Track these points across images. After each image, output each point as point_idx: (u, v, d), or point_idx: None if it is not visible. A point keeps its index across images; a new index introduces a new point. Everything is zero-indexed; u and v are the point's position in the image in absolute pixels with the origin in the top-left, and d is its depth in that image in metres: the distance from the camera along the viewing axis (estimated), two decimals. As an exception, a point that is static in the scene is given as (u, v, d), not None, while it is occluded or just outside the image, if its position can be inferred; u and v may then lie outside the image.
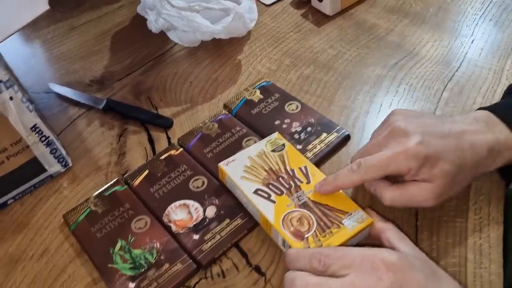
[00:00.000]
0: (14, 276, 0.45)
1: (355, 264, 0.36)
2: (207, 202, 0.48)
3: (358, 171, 0.42)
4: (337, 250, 0.39)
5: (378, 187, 0.44)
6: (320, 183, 0.45)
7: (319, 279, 0.37)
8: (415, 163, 0.40)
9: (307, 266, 0.38)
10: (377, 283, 0.35)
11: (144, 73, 0.66)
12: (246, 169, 0.48)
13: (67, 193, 0.52)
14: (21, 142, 0.47)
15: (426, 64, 0.63)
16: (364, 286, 0.35)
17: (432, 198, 0.41)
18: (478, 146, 0.42)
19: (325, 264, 0.37)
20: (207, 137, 0.55)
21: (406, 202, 0.42)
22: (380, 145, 0.43)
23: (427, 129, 0.42)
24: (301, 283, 0.37)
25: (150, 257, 0.44)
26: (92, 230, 0.47)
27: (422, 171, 0.40)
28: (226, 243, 0.45)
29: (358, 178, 0.42)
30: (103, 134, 0.58)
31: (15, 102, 0.45)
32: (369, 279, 0.35)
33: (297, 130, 0.54)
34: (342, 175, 0.44)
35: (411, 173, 0.41)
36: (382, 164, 0.41)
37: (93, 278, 0.44)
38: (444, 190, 0.41)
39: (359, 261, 0.37)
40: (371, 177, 0.42)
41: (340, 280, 0.36)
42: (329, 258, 0.37)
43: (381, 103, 0.58)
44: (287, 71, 0.64)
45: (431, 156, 0.40)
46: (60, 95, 0.63)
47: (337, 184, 0.44)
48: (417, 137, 0.41)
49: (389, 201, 0.43)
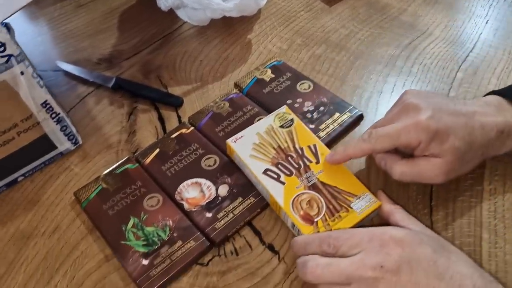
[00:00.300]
0: (26, 252, 0.45)
1: (363, 242, 0.37)
2: (219, 180, 0.48)
3: (368, 141, 0.43)
4: (345, 231, 0.39)
5: (389, 161, 0.44)
6: (331, 154, 0.46)
7: (329, 260, 0.37)
8: (425, 136, 0.40)
9: (317, 250, 0.39)
10: (385, 258, 0.35)
11: (153, 51, 0.65)
12: (255, 146, 0.47)
13: (78, 171, 0.51)
14: (31, 118, 0.47)
15: (440, 45, 0.62)
16: (372, 262, 0.35)
17: (441, 173, 0.41)
18: (488, 126, 0.42)
19: (335, 246, 0.38)
20: (218, 116, 0.54)
21: (415, 176, 0.43)
22: (393, 119, 0.44)
23: (439, 106, 0.42)
24: (312, 264, 0.37)
25: (163, 234, 0.44)
26: (104, 207, 0.46)
27: (432, 146, 0.40)
28: (239, 221, 0.45)
29: (368, 147, 0.43)
30: (112, 112, 0.58)
31: (26, 77, 0.44)
32: (377, 255, 0.36)
33: (309, 109, 0.54)
34: (352, 144, 0.44)
35: (421, 147, 0.41)
36: (392, 135, 0.42)
37: (106, 255, 0.44)
38: (453, 166, 0.41)
39: (367, 239, 0.37)
40: (381, 147, 0.42)
41: (349, 259, 0.36)
42: (338, 240, 0.38)
43: (395, 83, 0.57)
44: (298, 51, 0.63)
45: (442, 131, 0.40)
46: (68, 73, 0.62)
47: (347, 153, 0.44)
48: (428, 111, 0.41)
49: (398, 175, 0.43)
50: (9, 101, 0.44)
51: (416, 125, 0.41)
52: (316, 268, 0.37)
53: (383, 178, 0.48)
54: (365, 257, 0.36)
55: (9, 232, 0.47)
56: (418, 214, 0.45)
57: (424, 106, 0.42)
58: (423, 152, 0.41)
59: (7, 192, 0.50)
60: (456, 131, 0.41)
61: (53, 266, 0.44)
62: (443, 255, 0.36)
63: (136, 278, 0.41)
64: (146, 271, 0.41)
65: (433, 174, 0.41)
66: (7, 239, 0.46)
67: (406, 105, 0.43)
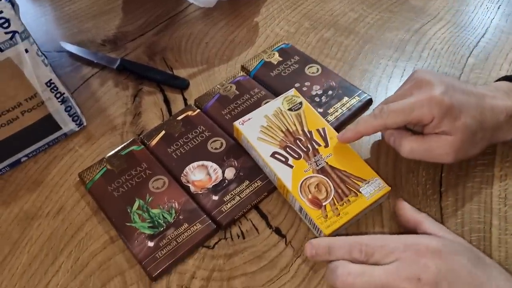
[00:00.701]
0: (30, 232, 0.45)
1: (398, 251, 0.35)
2: (226, 163, 0.47)
3: (380, 116, 0.41)
4: (377, 238, 0.37)
5: (398, 137, 0.43)
6: (342, 132, 0.45)
7: (361, 268, 0.35)
8: (439, 111, 0.39)
9: (347, 255, 0.36)
10: (422, 269, 0.33)
11: (158, 33, 0.64)
12: (263, 129, 0.47)
13: (82, 152, 0.51)
14: (36, 98, 0.46)
15: (451, 29, 0.60)
16: (409, 273, 0.33)
17: (451, 152, 0.40)
18: (498, 109, 0.41)
19: (367, 253, 0.36)
20: (225, 99, 0.53)
21: (424, 153, 0.41)
22: (405, 94, 0.43)
23: (451, 83, 0.42)
24: (343, 271, 0.35)
25: (169, 216, 0.43)
26: (109, 189, 0.46)
27: (444, 123, 0.40)
28: (246, 205, 0.44)
29: (380, 123, 0.42)
30: (117, 94, 0.57)
31: (31, 54, 0.43)
32: (414, 266, 0.34)
33: (318, 93, 0.53)
34: (363, 120, 0.43)
35: (433, 123, 0.40)
36: (405, 109, 0.41)
37: (111, 237, 0.44)
38: (463, 145, 0.40)
39: (402, 248, 0.35)
40: (393, 122, 0.41)
41: (383, 268, 0.34)
42: (369, 247, 0.36)
43: (404, 67, 0.56)
44: (306, 34, 0.62)
45: (454, 108, 0.39)
46: (72, 54, 0.62)
47: (358, 130, 0.43)
48: (442, 87, 0.40)
49: (407, 151, 0.42)
50: (13, 80, 0.43)
51: (430, 99, 0.40)
52: (348, 277, 0.35)
53: (392, 163, 0.47)
54: (400, 267, 0.34)
55: (13, 212, 0.46)
56: (427, 200, 0.44)
57: (437, 82, 0.41)
58: (434, 129, 0.40)
59: (10, 173, 0.49)
60: (468, 109, 0.40)
61: (57, 247, 0.43)
62: (479, 267, 0.34)
63: (142, 259, 0.41)
64: (152, 253, 0.41)
65: (443, 151, 0.41)
66: (11, 219, 0.46)
67: (419, 80, 0.42)
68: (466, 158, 0.43)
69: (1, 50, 0.41)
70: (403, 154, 0.42)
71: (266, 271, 0.41)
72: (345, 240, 0.38)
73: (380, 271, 0.34)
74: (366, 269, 0.35)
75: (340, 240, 0.38)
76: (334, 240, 0.38)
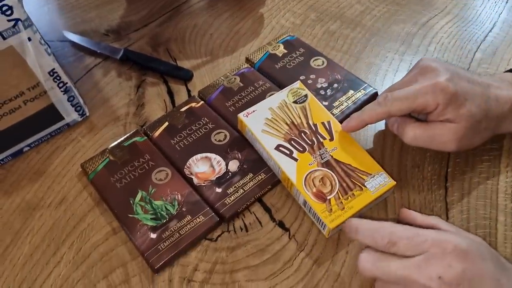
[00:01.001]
0: (31, 223, 0.44)
1: (424, 246, 0.33)
2: (229, 155, 0.47)
3: (384, 104, 0.41)
4: (407, 229, 0.35)
5: (401, 124, 0.42)
6: (346, 120, 0.44)
7: (384, 257, 0.34)
8: (443, 97, 0.39)
9: (369, 239, 0.35)
10: (446, 269, 0.32)
11: (162, 24, 0.64)
12: (267, 121, 0.46)
13: (85, 142, 0.50)
14: (38, 87, 0.45)
15: (458, 24, 0.60)
16: (431, 271, 0.32)
17: (454, 140, 0.40)
18: (502, 99, 0.41)
19: (390, 241, 0.34)
20: (229, 91, 0.53)
21: (427, 140, 0.41)
22: (410, 81, 0.42)
23: (456, 71, 0.41)
24: (365, 258, 0.35)
25: (172, 208, 0.43)
26: (111, 180, 0.45)
27: (449, 110, 0.39)
28: (249, 198, 0.44)
29: (384, 110, 0.41)
30: (120, 84, 0.56)
31: (34, 43, 0.43)
32: (437, 264, 0.32)
33: (323, 86, 0.52)
34: (368, 109, 0.43)
35: (437, 110, 0.40)
36: (409, 96, 0.40)
37: (113, 228, 0.43)
38: (467, 134, 0.40)
39: (429, 244, 0.33)
40: (397, 109, 0.41)
41: (403, 261, 0.33)
42: (395, 236, 0.34)
43: (411, 61, 0.56)
44: (312, 26, 0.61)
45: (459, 95, 0.39)
46: (75, 44, 0.61)
47: (363, 118, 0.43)
48: (447, 74, 0.40)
49: (410, 138, 0.41)
50: (16, 68, 0.43)
51: (434, 86, 0.39)
52: (367, 264, 0.34)
53: (398, 158, 0.47)
54: (423, 263, 0.32)
55: (14, 202, 0.46)
56: (432, 194, 0.44)
57: (443, 69, 0.41)
58: (439, 116, 0.40)
59: (12, 162, 0.49)
60: (473, 98, 0.40)
61: (59, 238, 0.43)
62: (504, 274, 0.33)
63: (145, 251, 0.40)
64: (155, 244, 0.41)
65: (447, 139, 0.40)
66: (12, 209, 0.45)
67: (424, 68, 0.42)
68: (469, 148, 0.42)
69: (3, 38, 0.40)
70: (406, 140, 0.42)
71: (269, 265, 0.40)
72: (373, 224, 0.36)
73: (397, 264, 0.33)
74: (382, 258, 0.34)
75: (368, 223, 0.37)
76: (363, 222, 0.37)
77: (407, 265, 0.33)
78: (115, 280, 0.40)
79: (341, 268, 0.40)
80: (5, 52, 0.41)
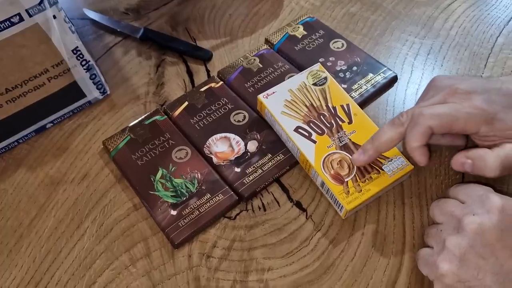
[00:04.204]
0: (56, 197, 0.46)
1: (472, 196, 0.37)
2: (248, 136, 0.47)
3: (417, 122, 0.38)
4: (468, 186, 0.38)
5: (476, 157, 0.38)
6: (359, 151, 0.42)
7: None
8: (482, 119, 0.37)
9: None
10: (483, 216, 0.34)
11: (182, 3, 0.64)
12: (287, 103, 0.46)
13: (106, 120, 0.51)
14: (62, 65, 0.46)
15: (481, 7, 0.59)
16: (469, 211, 0.35)
17: None
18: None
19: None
20: (248, 71, 0.53)
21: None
22: (440, 101, 0.40)
23: (485, 86, 0.39)
24: None
25: (191, 186, 0.44)
26: (132, 157, 0.46)
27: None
28: (267, 178, 0.45)
29: (418, 128, 0.38)
30: (140, 63, 0.57)
31: (59, 21, 0.43)
32: (478, 210, 0.35)
33: (342, 68, 0.52)
34: (386, 130, 0.41)
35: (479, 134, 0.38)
36: (451, 115, 0.38)
37: (134, 204, 0.45)
38: None
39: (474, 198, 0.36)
40: (436, 125, 0.38)
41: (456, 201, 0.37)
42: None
43: (431, 45, 0.55)
44: (331, 8, 0.61)
45: (498, 114, 0.37)
46: (95, 22, 0.61)
47: (378, 148, 0.41)
48: (480, 95, 0.38)
49: (494, 167, 0.38)
50: (41, 46, 0.44)
51: (475, 108, 0.37)
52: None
53: (415, 142, 0.47)
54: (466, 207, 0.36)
55: (39, 177, 0.47)
56: (449, 179, 0.44)
57: (471, 88, 0.39)
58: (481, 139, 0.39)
59: (36, 138, 0.50)
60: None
61: (82, 212, 0.44)
62: None
63: (165, 227, 0.42)
64: (175, 221, 0.42)
65: None
66: (37, 183, 0.47)
67: (451, 89, 0.39)
68: None
69: (29, 15, 0.41)
70: (489, 173, 0.37)
71: (286, 243, 0.41)
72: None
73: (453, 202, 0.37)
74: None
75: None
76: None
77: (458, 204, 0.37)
78: (137, 254, 0.41)
79: (357, 249, 0.41)
80: (31, 29, 0.42)
